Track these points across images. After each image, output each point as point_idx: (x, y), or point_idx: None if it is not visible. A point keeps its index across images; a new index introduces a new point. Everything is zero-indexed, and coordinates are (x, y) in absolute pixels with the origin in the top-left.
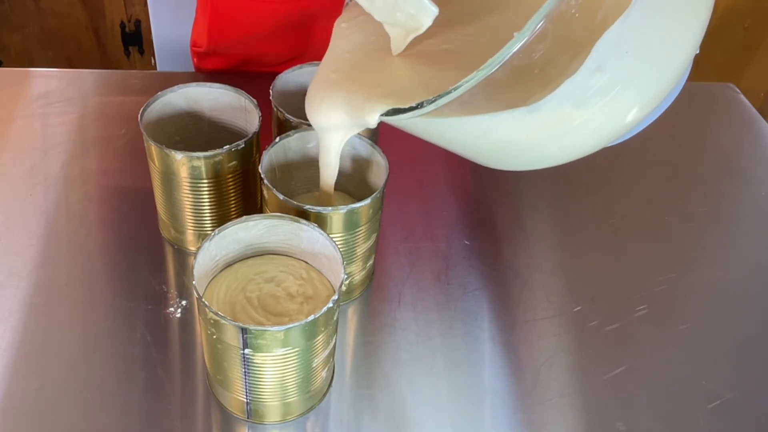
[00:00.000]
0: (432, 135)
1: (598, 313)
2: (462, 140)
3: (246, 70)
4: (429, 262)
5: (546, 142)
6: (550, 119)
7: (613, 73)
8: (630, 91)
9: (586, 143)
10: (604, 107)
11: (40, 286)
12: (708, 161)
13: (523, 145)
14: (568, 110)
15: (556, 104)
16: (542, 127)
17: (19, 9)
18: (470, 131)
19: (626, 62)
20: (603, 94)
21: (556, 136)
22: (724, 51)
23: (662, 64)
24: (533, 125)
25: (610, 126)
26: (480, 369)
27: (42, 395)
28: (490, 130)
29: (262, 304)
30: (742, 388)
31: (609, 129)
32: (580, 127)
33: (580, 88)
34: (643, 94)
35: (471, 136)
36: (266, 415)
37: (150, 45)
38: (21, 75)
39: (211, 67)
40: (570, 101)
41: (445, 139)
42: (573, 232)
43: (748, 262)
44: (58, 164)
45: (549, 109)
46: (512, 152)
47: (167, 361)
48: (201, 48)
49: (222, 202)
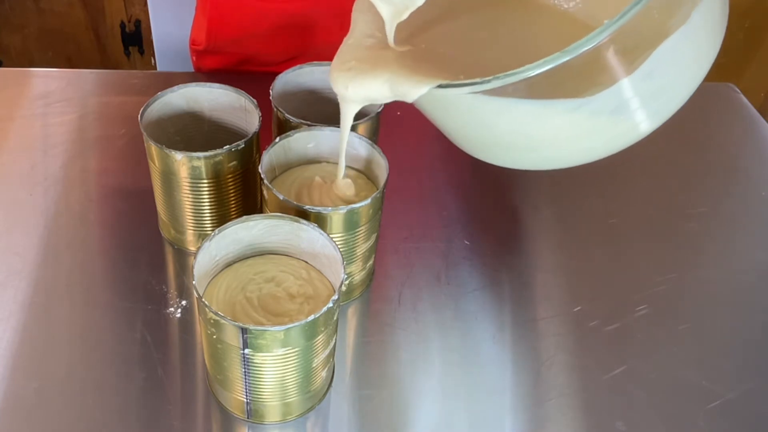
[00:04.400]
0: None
1: (598, 313)
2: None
3: (245, 69)
4: (429, 262)
5: (569, 140)
6: (589, 117)
7: (657, 82)
8: (656, 103)
9: (596, 151)
10: (632, 114)
11: (40, 286)
12: (708, 161)
13: (549, 140)
14: (608, 112)
15: (605, 101)
16: (577, 124)
17: (19, 9)
18: (516, 117)
19: (669, 74)
20: (642, 99)
21: (582, 137)
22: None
23: (689, 81)
24: (571, 120)
25: (625, 136)
26: (480, 369)
27: (42, 395)
28: (540, 116)
29: (262, 304)
30: (742, 388)
31: (623, 140)
32: (606, 132)
33: (628, 90)
34: (666, 107)
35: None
36: (266, 415)
37: (150, 45)
38: (21, 75)
39: (210, 65)
40: (614, 102)
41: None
42: (573, 232)
43: (748, 261)
44: (58, 164)
45: (595, 106)
46: (541, 145)
47: (167, 361)
48: (200, 46)
49: (222, 202)
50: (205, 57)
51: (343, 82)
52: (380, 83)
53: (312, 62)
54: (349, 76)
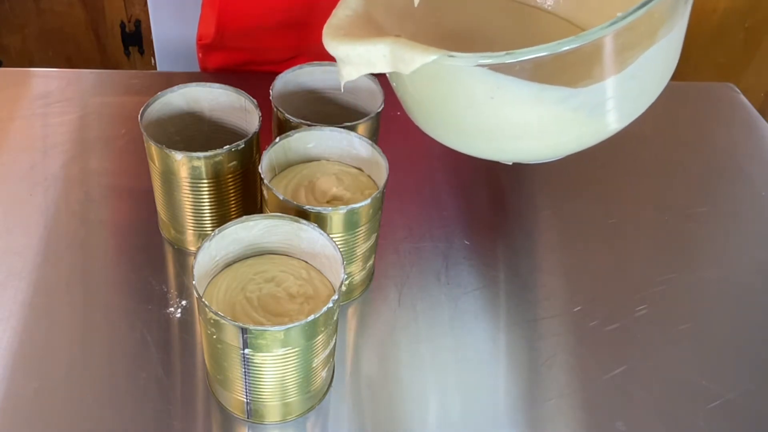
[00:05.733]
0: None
1: (598, 313)
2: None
3: (250, 69)
4: (429, 262)
5: (553, 132)
6: (572, 110)
7: (637, 85)
8: (629, 106)
9: (564, 146)
10: (605, 115)
11: (40, 286)
12: (708, 161)
13: (535, 128)
14: (589, 107)
15: (590, 96)
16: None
17: (19, 9)
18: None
19: (646, 79)
20: (620, 100)
21: (558, 131)
22: (724, 51)
23: (656, 89)
24: (561, 111)
25: (594, 135)
26: (480, 369)
27: (42, 395)
28: (531, 101)
29: (262, 304)
30: (742, 388)
31: (590, 138)
32: (577, 128)
33: (612, 88)
34: (633, 111)
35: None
36: (266, 415)
37: (150, 45)
38: (21, 75)
39: (215, 63)
40: (596, 99)
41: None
42: (573, 232)
43: (748, 261)
44: (58, 164)
45: (583, 99)
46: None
47: (167, 361)
48: (207, 40)
49: (222, 202)
50: (211, 53)
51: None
52: (383, 47)
53: (312, 62)
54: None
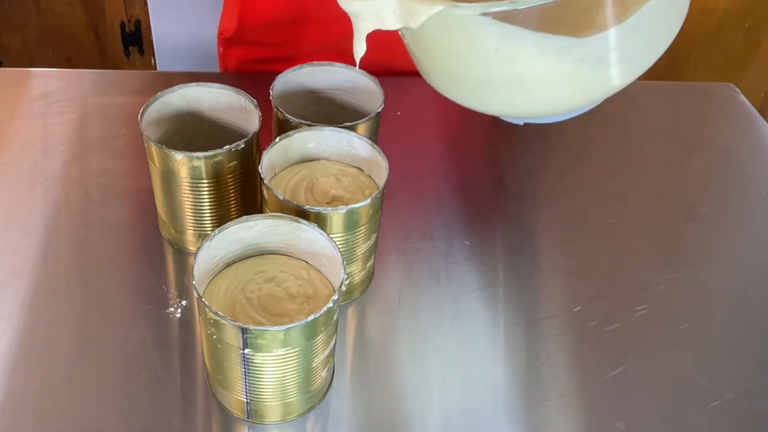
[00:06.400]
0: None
1: (598, 313)
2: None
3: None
4: (429, 262)
5: (557, 83)
6: (575, 61)
7: (638, 39)
8: (631, 61)
9: (576, 98)
10: (610, 67)
11: (40, 286)
12: (708, 161)
13: (539, 79)
14: (593, 60)
15: (592, 48)
16: (567, 65)
17: (19, 9)
18: (510, 48)
19: (648, 33)
20: (622, 53)
21: (566, 81)
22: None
23: (660, 45)
24: (562, 60)
25: (597, 89)
26: (480, 369)
27: (42, 395)
28: (532, 50)
29: (262, 304)
30: (742, 388)
31: (594, 92)
32: (583, 80)
33: (613, 40)
34: (637, 67)
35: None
36: (266, 415)
37: (150, 45)
38: (21, 75)
39: (236, 57)
40: (599, 50)
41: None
42: (573, 232)
43: (748, 262)
44: (58, 164)
45: (585, 50)
46: (522, 84)
47: (167, 361)
48: (228, 34)
49: (222, 202)
50: (232, 47)
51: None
52: (392, 1)
53: (312, 62)
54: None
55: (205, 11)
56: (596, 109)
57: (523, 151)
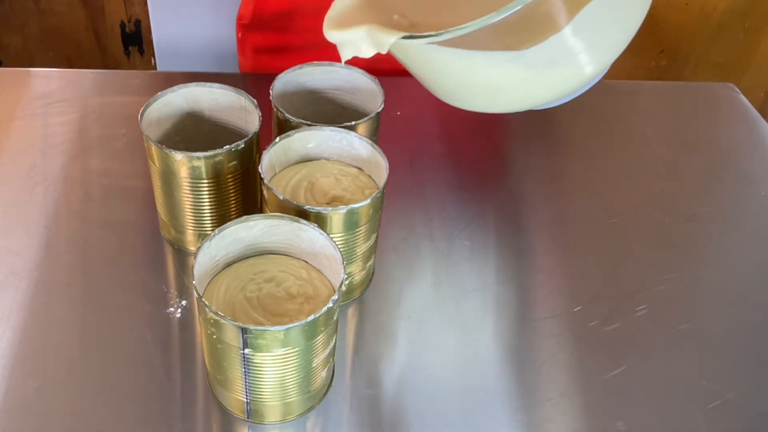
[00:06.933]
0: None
1: (598, 313)
2: (452, 72)
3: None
4: (429, 262)
5: (516, 88)
6: (528, 68)
7: (586, 36)
8: (588, 55)
9: (543, 96)
10: (567, 66)
11: (40, 286)
12: (708, 161)
13: (497, 86)
14: (544, 63)
15: (537, 55)
16: (519, 73)
17: (19, 9)
18: (462, 64)
19: (597, 30)
20: (571, 54)
21: (526, 84)
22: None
23: (618, 36)
24: (513, 70)
25: (566, 84)
26: (480, 369)
27: (42, 395)
28: (479, 65)
29: (262, 304)
30: (742, 388)
31: (565, 86)
32: (546, 80)
33: (558, 45)
34: (599, 58)
35: (461, 69)
36: (266, 415)
37: (150, 45)
38: (21, 75)
39: (254, 43)
40: (548, 55)
41: (437, 68)
42: (573, 232)
43: (748, 262)
44: (58, 164)
45: (530, 58)
46: (487, 90)
47: (167, 361)
48: (246, 20)
49: (222, 202)
50: (249, 33)
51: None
52: (361, 32)
53: (312, 62)
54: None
55: (206, 11)
56: (596, 109)
57: (524, 151)
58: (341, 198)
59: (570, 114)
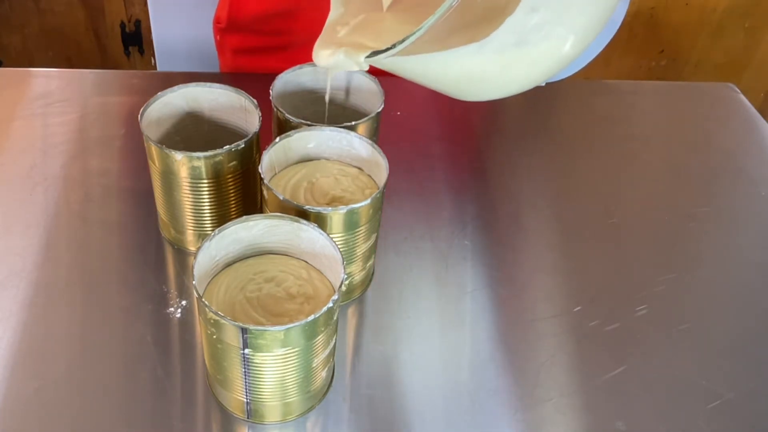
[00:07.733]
0: (409, 71)
1: (598, 313)
2: (430, 74)
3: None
4: (429, 262)
5: (497, 74)
6: (497, 53)
7: (545, 12)
8: (561, 27)
9: (531, 75)
10: (539, 42)
11: (40, 286)
12: (708, 161)
13: (479, 77)
14: (511, 45)
15: (500, 40)
16: (492, 60)
17: (19, 9)
18: (435, 66)
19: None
20: (538, 30)
21: (505, 68)
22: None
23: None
24: (485, 59)
25: (549, 59)
26: (480, 369)
27: (42, 395)
28: (451, 63)
29: (262, 304)
30: (742, 388)
31: (548, 62)
32: (523, 60)
33: (519, 25)
34: (575, 29)
35: (437, 70)
36: (266, 415)
37: (150, 45)
38: (21, 75)
39: (232, 45)
40: (512, 37)
41: (418, 73)
42: (573, 232)
43: (748, 262)
44: (58, 164)
45: (496, 44)
46: (470, 83)
47: (167, 361)
48: (222, 23)
49: (222, 202)
50: (227, 35)
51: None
52: (341, 53)
53: (312, 62)
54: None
55: (205, 11)
56: (596, 109)
57: (523, 152)
58: (341, 198)
59: (570, 114)
